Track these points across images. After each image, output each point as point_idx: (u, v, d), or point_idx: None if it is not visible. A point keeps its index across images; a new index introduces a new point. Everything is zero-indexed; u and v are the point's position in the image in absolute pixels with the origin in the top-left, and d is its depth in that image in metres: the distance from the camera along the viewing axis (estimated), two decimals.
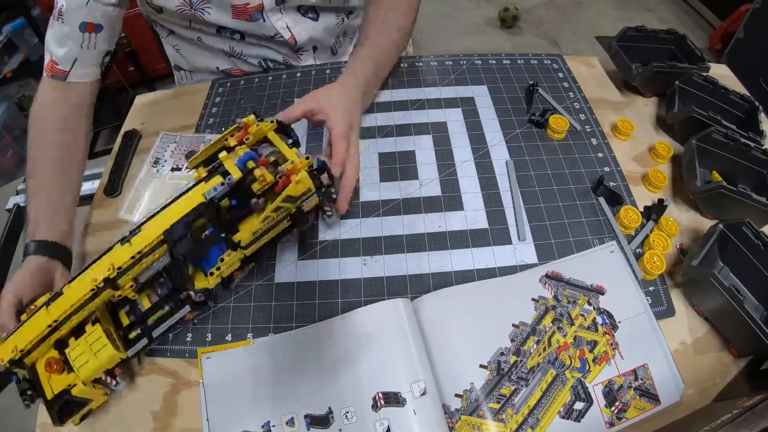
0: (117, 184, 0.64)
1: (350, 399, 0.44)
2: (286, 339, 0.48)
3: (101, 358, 0.41)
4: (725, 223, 0.49)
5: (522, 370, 0.45)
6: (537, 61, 0.76)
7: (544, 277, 0.50)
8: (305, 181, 0.43)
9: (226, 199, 0.42)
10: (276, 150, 0.46)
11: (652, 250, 0.52)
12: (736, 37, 1.80)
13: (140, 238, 0.41)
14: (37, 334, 0.40)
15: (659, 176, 0.58)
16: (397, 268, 0.53)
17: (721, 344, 0.48)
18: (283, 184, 0.42)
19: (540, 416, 0.43)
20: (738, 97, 0.63)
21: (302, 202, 0.45)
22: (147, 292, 0.47)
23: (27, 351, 0.41)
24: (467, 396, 0.44)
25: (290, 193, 0.43)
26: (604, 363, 0.46)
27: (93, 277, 0.40)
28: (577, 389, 0.44)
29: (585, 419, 0.43)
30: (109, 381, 0.44)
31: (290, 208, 0.45)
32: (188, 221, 0.41)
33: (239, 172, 0.42)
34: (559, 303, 0.49)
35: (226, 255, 0.44)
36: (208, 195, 0.41)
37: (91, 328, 0.42)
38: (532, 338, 0.47)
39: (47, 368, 0.41)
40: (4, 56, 1.87)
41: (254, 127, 0.46)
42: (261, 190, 0.42)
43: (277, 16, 0.71)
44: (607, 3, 2.38)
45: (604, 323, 0.48)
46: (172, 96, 0.78)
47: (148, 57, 1.92)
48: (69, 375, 0.42)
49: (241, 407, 0.45)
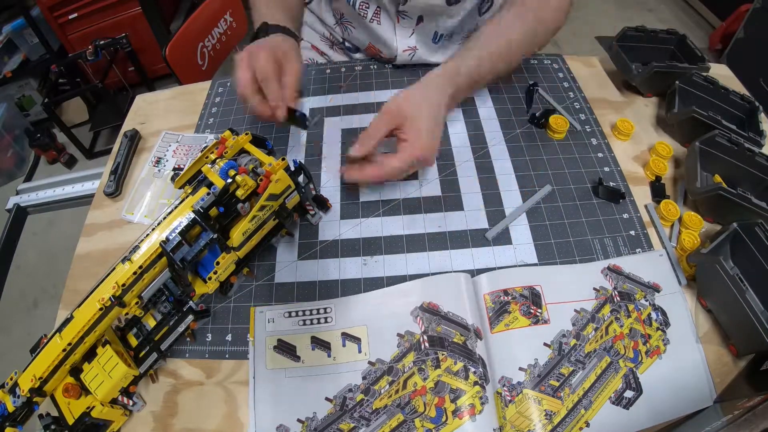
0: (117, 184, 0.64)
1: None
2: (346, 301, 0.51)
3: (115, 376, 0.43)
4: (739, 223, 0.49)
5: (580, 353, 0.47)
6: (537, 61, 0.76)
7: (606, 269, 0.52)
8: (284, 179, 0.47)
9: (214, 207, 0.45)
10: (254, 158, 0.50)
11: (685, 249, 0.53)
12: (736, 37, 1.80)
13: (139, 255, 0.43)
14: (53, 359, 0.42)
15: (660, 165, 0.60)
16: (397, 268, 0.53)
17: (721, 344, 0.48)
18: (264, 186, 0.46)
19: (593, 399, 0.45)
20: (738, 97, 0.63)
21: (284, 198, 0.49)
22: (151, 311, 0.49)
23: (45, 379, 0.42)
24: (530, 371, 0.46)
25: (272, 191, 0.46)
26: (655, 357, 0.47)
27: (100, 297, 0.42)
28: (629, 378, 0.46)
29: (633, 408, 0.44)
30: (126, 401, 0.45)
31: (274, 205, 0.48)
32: (182, 231, 0.44)
33: (222, 181, 0.46)
34: (618, 294, 0.50)
35: (221, 258, 0.46)
36: (197, 205, 0.44)
37: (102, 350, 0.44)
38: (591, 325, 0.48)
39: (65, 394, 0.43)
40: (4, 56, 1.87)
41: (231, 140, 0.50)
42: (245, 195, 0.45)
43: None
44: (607, 3, 2.38)
45: (658, 319, 0.49)
46: (172, 96, 0.78)
47: (148, 57, 1.92)
48: (87, 398, 0.43)
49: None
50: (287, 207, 0.50)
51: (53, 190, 0.80)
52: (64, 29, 1.84)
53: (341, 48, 0.82)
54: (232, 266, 0.49)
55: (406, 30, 0.70)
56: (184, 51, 1.11)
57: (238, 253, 0.48)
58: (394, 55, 0.72)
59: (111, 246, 0.59)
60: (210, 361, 0.49)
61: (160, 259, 0.44)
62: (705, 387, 0.46)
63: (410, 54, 0.72)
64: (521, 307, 0.48)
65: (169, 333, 0.47)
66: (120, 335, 0.48)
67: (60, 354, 0.41)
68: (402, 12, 0.68)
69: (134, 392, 0.46)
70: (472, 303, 0.48)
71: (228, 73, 0.68)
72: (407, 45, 0.71)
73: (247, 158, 0.50)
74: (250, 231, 0.48)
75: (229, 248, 0.46)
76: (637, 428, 0.44)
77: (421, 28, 0.70)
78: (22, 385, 0.41)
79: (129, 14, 1.85)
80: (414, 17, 0.68)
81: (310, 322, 0.49)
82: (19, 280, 1.54)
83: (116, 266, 0.43)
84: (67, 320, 0.42)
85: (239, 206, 0.45)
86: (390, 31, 0.70)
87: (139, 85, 1.98)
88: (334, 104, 0.70)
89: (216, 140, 0.51)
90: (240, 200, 0.45)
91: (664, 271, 0.52)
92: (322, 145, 0.65)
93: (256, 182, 0.46)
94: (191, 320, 0.48)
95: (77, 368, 0.44)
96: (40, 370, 0.41)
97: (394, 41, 0.71)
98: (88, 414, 0.42)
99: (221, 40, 1.24)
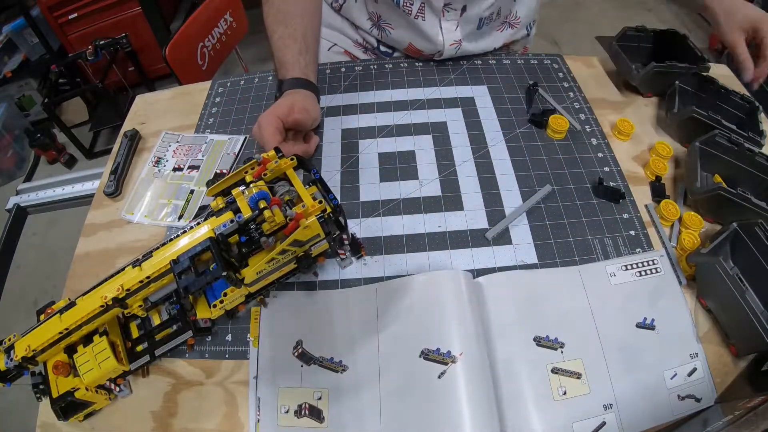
0: (117, 184, 0.64)
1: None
2: (346, 294, 0.51)
3: (104, 368, 0.43)
4: (739, 223, 0.49)
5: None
6: (537, 61, 0.76)
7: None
8: (314, 227, 0.42)
9: (235, 235, 0.42)
10: (293, 189, 0.45)
11: (684, 249, 0.53)
12: None
13: (150, 264, 0.42)
14: (48, 337, 0.42)
15: (660, 165, 0.60)
16: (397, 268, 0.53)
17: (721, 344, 0.48)
18: (291, 229, 0.41)
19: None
20: (738, 98, 0.63)
21: (311, 246, 0.44)
22: (159, 308, 0.48)
23: (39, 351, 0.42)
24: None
25: (298, 238, 0.42)
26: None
27: (103, 294, 0.41)
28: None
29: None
30: (113, 387, 0.46)
31: (297, 251, 0.44)
32: (194, 254, 0.41)
33: (249, 211, 0.42)
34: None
35: (229, 290, 0.44)
36: (218, 231, 0.41)
37: (98, 339, 0.44)
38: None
39: (54, 371, 0.43)
40: (4, 56, 1.87)
41: (273, 163, 0.45)
42: (271, 230, 0.42)
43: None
44: (607, 3, 2.38)
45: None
46: (172, 96, 0.78)
47: (148, 57, 1.92)
48: (74, 379, 0.44)
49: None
50: (311, 255, 0.45)
51: (53, 190, 0.80)
52: (64, 29, 1.84)
53: (374, 52, 0.82)
54: (241, 298, 0.47)
55: (451, 23, 0.71)
56: (184, 51, 1.11)
57: (249, 289, 0.46)
58: (438, 50, 0.73)
59: (111, 246, 0.59)
60: (210, 361, 0.49)
61: (168, 274, 0.42)
62: (705, 387, 0.46)
63: (456, 48, 0.72)
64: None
65: (168, 340, 0.46)
66: (123, 321, 0.48)
67: (56, 335, 0.42)
68: (447, 5, 0.68)
69: (121, 383, 0.46)
70: (474, 305, 0.48)
71: (228, 73, 0.68)
72: (453, 39, 0.72)
73: (286, 188, 0.45)
74: (265, 271, 0.44)
75: (239, 283, 0.42)
76: (638, 428, 0.44)
77: (464, 19, 0.70)
78: (17, 350, 0.42)
79: (129, 14, 1.85)
80: (458, 8, 0.69)
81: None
82: (19, 280, 1.54)
83: (126, 268, 0.42)
84: (70, 304, 0.43)
85: (262, 240, 0.41)
86: (435, 26, 0.71)
87: (139, 85, 1.98)
88: (334, 104, 0.70)
89: (256, 160, 0.46)
90: (265, 234, 0.42)
91: (664, 271, 0.52)
92: (322, 145, 0.65)
93: (286, 220, 0.41)
94: (190, 336, 0.47)
95: (72, 347, 0.44)
96: (36, 342, 0.42)
97: (440, 35, 0.71)
98: (72, 394, 0.43)
99: (221, 40, 1.24)
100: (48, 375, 0.44)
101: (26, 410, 0.45)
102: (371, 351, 0.47)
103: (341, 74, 0.75)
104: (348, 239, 0.51)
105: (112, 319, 0.46)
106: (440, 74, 0.74)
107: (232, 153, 0.66)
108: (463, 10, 0.69)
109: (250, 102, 0.73)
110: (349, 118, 0.68)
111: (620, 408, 0.44)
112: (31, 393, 0.45)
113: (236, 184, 0.46)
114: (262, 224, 0.42)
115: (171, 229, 0.59)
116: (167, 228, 0.59)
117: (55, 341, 0.42)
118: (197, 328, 0.47)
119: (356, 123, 0.68)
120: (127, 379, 0.48)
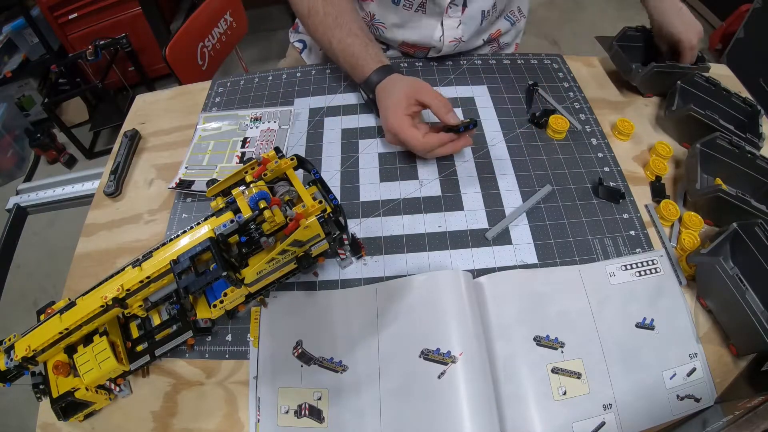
0: (117, 184, 0.64)
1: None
2: (346, 294, 0.51)
3: (104, 368, 0.43)
4: (739, 223, 0.49)
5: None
6: (537, 61, 0.76)
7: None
8: (314, 227, 0.42)
9: (235, 235, 0.42)
10: (293, 189, 0.45)
11: (684, 249, 0.53)
12: (736, 37, 1.80)
13: (150, 264, 0.42)
14: (49, 337, 0.42)
15: (660, 165, 0.60)
16: (397, 268, 0.53)
17: (721, 344, 0.48)
18: (291, 229, 0.41)
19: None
20: (740, 100, 0.63)
21: (311, 246, 0.45)
22: (159, 308, 0.48)
23: (39, 351, 0.42)
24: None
25: (298, 238, 0.42)
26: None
27: (103, 295, 0.41)
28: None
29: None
30: (113, 387, 0.46)
31: (297, 251, 0.44)
32: (194, 254, 0.41)
33: (249, 211, 0.42)
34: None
35: (229, 290, 0.44)
36: (218, 231, 0.41)
37: (98, 339, 0.44)
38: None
39: (54, 371, 0.43)
40: (4, 56, 1.87)
41: (273, 163, 0.46)
42: (271, 231, 0.42)
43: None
44: (607, 3, 2.38)
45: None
46: (172, 96, 0.78)
47: (148, 57, 1.92)
48: (74, 379, 0.44)
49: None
50: (311, 255, 0.46)
51: (53, 190, 0.80)
52: (64, 29, 1.84)
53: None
54: (242, 298, 0.47)
55: (453, 20, 0.71)
56: (184, 51, 1.11)
57: (249, 289, 0.46)
58: (433, 46, 0.73)
59: (111, 246, 0.59)
60: (210, 361, 0.49)
61: (168, 274, 0.42)
62: (705, 387, 0.46)
63: (455, 45, 0.73)
64: None
65: (168, 340, 0.46)
66: (123, 321, 0.48)
67: (56, 335, 0.42)
68: (452, 1, 0.69)
69: (121, 383, 0.47)
70: (474, 305, 0.48)
71: (228, 73, 0.68)
72: (453, 36, 0.72)
73: (286, 188, 0.45)
74: (266, 271, 0.44)
75: (239, 283, 0.42)
76: (637, 428, 0.44)
77: (467, 15, 0.71)
78: (17, 350, 0.42)
79: (129, 14, 1.85)
80: (460, 3, 0.69)
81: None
82: (19, 279, 1.54)
83: (126, 268, 0.43)
84: (70, 304, 0.43)
85: (262, 240, 0.42)
86: (435, 23, 0.71)
87: (139, 85, 1.98)
88: (334, 104, 0.70)
89: (256, 160, 0.46)
90: (265, 234, 0.42)
91: (664, 271, 0.52)
92: (323, 145, 0.65)
93: (286, 220, 0.42)
94: (190, 336, 0.47)
95: (73, 347, 0.44)
96: (36, 342, 0.42)
97: (440, 32, 0.71)
98: (72, 394, 0.43)
99: (221, 40, 1.24)
100: (48, 375, 0.44)
101: (26, 410, 0.45)
102: (371, 351, 0.47)
103: (341, 74, 0.75)
104: (348, 239, 0.51)
105: (112, 319, 0.46)
106: (440, 74, 0.74)
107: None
108: (464, 6, 0.69)
109: (250, 102, 0.73)
110: (349, 118, 0.68)
111: (620, 408, 0.44)
112: (31, 393, 0.45)
113: (236, 184, 0.47)
114: (262, 224, 0.42)
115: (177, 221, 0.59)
116: (167, 228, 0.59)
117: (55, 341, 0.42)
118: (197, 328, 0.47)
119: (356, 123, 0.68)
120: (127, 379, 0.48)
